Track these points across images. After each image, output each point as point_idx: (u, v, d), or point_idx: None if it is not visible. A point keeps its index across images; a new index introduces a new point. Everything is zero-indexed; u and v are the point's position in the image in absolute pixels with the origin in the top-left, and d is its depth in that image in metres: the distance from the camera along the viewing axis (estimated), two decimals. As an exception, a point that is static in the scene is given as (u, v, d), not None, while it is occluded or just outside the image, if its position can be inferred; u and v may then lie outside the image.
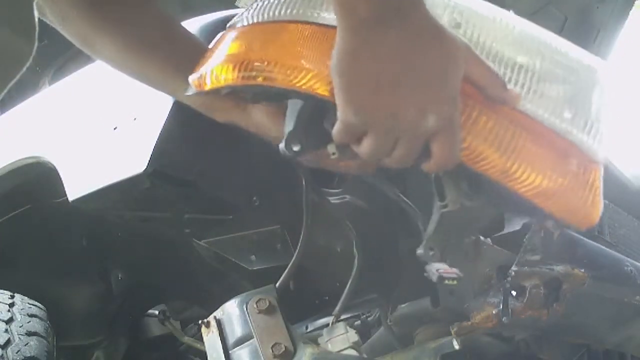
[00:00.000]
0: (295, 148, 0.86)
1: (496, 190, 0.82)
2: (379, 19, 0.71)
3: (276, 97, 0.88)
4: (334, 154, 0.85)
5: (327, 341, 1.09)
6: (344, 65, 0.74)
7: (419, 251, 0.92)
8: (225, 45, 0.88)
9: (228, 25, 0.93)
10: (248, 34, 0.87)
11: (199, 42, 1.05)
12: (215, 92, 0.88)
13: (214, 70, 0.87)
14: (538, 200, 0.81)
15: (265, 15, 0.87)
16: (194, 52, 1.00)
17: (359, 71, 0.73)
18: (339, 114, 0.76)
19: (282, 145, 0.87)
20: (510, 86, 0.80)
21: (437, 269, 0.95)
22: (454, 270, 0.95)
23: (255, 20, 0.88)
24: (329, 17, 0.83)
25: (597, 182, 0.84)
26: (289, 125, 0.87)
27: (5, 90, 0.83)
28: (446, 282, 0.96)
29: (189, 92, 0.92)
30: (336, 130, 0.78)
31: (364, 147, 0.78)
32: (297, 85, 0.81)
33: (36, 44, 0.82)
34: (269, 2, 0.88)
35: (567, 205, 0.82)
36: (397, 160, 0.78)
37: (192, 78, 0.91)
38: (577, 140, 0.83)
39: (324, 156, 0.86)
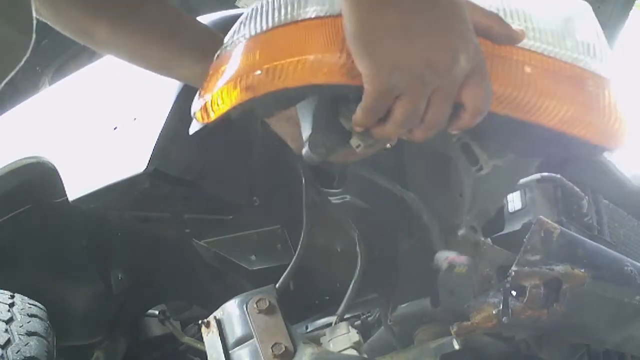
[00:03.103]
0: (322, 151, 0.84)
1: (524, 139, 0.83)
2: None
3: (287, 102, 0.84)
4: (358, 146, 0.82)
5: (329, 341, 1.09)
6: (363, 24, 0.72)
7: (461, 232, 0.92)
8: (220, 70, 0.85)
9: (216, 56, 0.89)
10: (240, 52, 0.84)
11: (201, 24, 1.04)
12: (224, 118, 0.84)
13: (214, 97, 0.83)
14: (566, 129, 0.81)
15: (253, 30, 0.84)
16: (196, 31, 0.99)
17: (380, 26, 0.72)
18: (366, 86, 0.74)
19: (306, 152, 0.85)
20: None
21: (446, 257, 0.95)
22: (463, 257, 0.95)
23: (243, 37, 0.84)
24: (321, 8, 0.81)
25: (616, 98, 0.84)
26: (306, 131, 0.85)
27: (3, 83, 0.82)
28: (456, 269, 0.97)
29: (195, 128, 0.88)
30: (362, 109, 0.76)
31: (396, 117, 0.75)
32: (308, 79, 0.79)
33: (34, 36, 0.81)
34: (253, 18, 0.85)
35: (595, 126, 0.82)
36: (432, 123, 0.76)
37: (194, 111, 0.87)
38: (585, 64, 0.84)
39: (347, 154, 0.85)
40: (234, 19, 1.25)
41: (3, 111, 1.89)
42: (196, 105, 0.87)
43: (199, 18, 1.25)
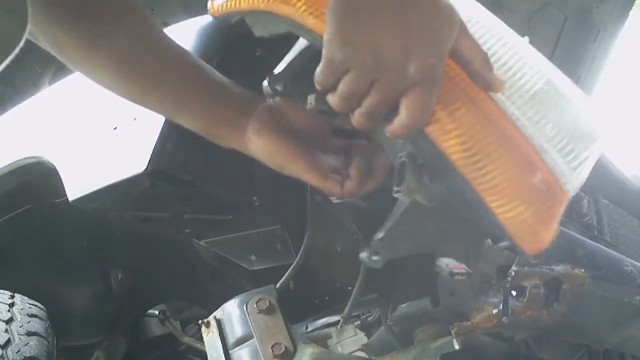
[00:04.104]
0: (278, 87, 0.88)
1: (454, 194, 0.80)
2: None
3: (276, 26, 0.89)
4: (311, 104, 0.86)
5: (337, 343, 1.10)
6: None
7: (362, 255, 0.90)
8: None
9: None
10: None
11: (195, 61, 1.03)
12: (228, 17, 0.95)
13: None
14: (494, 204, 0.77)
15: None
16: (190, 75, 0.99)
17: (356, 3, 0.74)
18: (324, 50, 0.76)
19: (265, 83, 0.89)
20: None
21: (447, 264, 0.96)
22: (462, 265, 0.95)
23: None
24: None
25: (557, 211, 0.79)
26: (280, 65, 0.89)
27: None
28: (456, 277, 0.96)
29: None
30: (319, 68, 0.78)
31: (340, 87, 0.77)
32: (301, 19, 0.83)
33: (28, 26, 0.81)
34: None
35: (522, 223, 0.77)
36: (367, 110, 0.77)
37: (210, 4, 0.98)
38: (551, 160, 0.80)
39: (300, 109, 0.88)
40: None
41: (3, 111, 1.89)
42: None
43: (198, 18, 1.25)
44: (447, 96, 0.77)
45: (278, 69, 0.89)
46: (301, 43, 0.88)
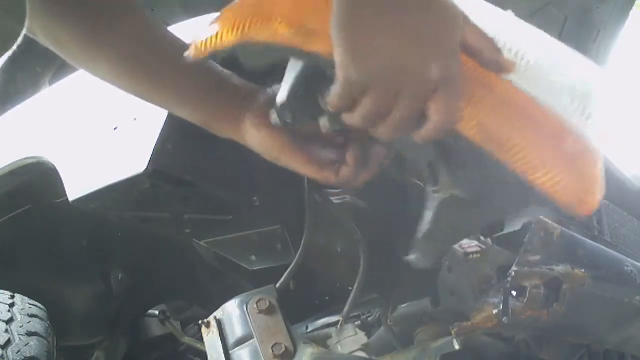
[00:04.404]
0: (288, 119, 0.85)
1: (486, 173, 0.81)
2: None
3: (271, 57, 0.85)
4: (325, 126, 0.83)
5: (336, 343, 1.10)
6: (346, 13, 0.72)
7: (410, 257, 0.90)
8: (220, 14, 0.87)
9: None
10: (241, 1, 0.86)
11: (184, 46, 1.04)
12: (212, 55, 0.86)
13: (211, 35, 0.85)
14: (532, 178, 0.78)
15: None
16: (191, 68, 0.99)
17: (362, 19, 0.72)
18: (337, 72, 0.74)
19: (274, 115, 0.86)
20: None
21: (460, 244, 0.95)
22: (475, 243, 0.95)
23: None
24: None
25: (593, 164, 0.82)
26: (282, 94, 0.85)
27: None
28: (470, 256, 0.96)
29: (189, 59, 0.89)
30: (333, 93, 0.76)
31: (361, 108, 0.75)
32: (298, 43, 0.79)
33: (26, 22, 0.81)
34: None
35: (564, 188, 0.79)
36: (393, 124, 0.76)
37: (190, 46, 0.89)
38: (575, 124, 0.82)
39: (314, 130, 0.86)
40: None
41: (3, 111, 1.89)
42: (193, 43, 0.88)
43: (198, 18, 1.26)
44: (465, 88, 0.77)
45: (281, 98, 0.85)
46: (296, 64, 0.84)
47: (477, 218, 0.91)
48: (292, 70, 0.85)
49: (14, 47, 0.80)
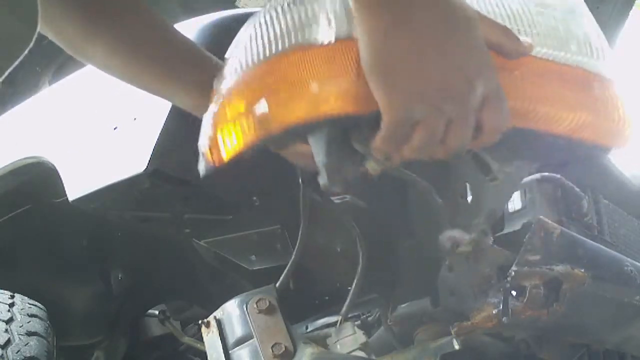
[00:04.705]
0: (340, 181, 0.82)
1: (532, 146, 0.83)
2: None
3: (303, 135, 0.80)
4: (374, 169, 0.81)
5: (335, 342, 1.09)
6: (378, 54, 0.72)
7: (473, 236, 0.93)
8: (226, 102, 0.80)
9: (217, 82, 0.83)
10: (245, 85, 0.79)
11: (194, 45, 1.04)
12: (237, 160, 0.80)
13: (222, 137, 0.79)
14: (574, 134, 0.81)
15: (258, 55, 0.78)
16: (188, 55, 0.99)
17: (396, 54, 0.71)
18: (385, 118, 0.73)
19: (323, 184, 0.82)
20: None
21: (450, 235, 0.96)
22: (468, 236, 0.96)
23: (248, 63, 0.79)
24: (324, 32, 0.77)
25: (619, 98, 0.85)
26: (319, 158, 0.81)
27: (6, 74, 0.82)
28: (459, 249, 0.97)
29: (204, 172, 0.84)
30: (380, 138, 0.74)
31: (416, 141, 0.75)
32: (324, 111, 0.75)
33: (38, 27, 0.81)
34: (256, 41, 0.79)
35: (602, 129, 0.83)
36: (455, 146, 0.76)
37: (203, 150, 0.83)
38: (590, 66, 0.84)
39: (364, 175, 0.84)
40: (233, 19, 1.25)
41: (3, 111, 1.89)
42: (204, 142, 0.82)
43: (199, 18, 1.26)
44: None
45: (320, 163, 0.80)
46: (319, 134, 0.79)
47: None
48: (319, 142, 0.80)
49: (26, 52, 0.81)
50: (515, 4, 0.84)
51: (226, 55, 0.85)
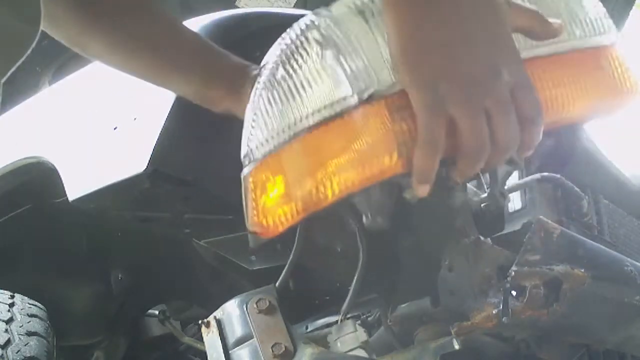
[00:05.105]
0: (383, 220, 0.85)
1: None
2: None
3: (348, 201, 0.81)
4: (414, 196, 0.79)
5: (336, 340, 1.09)
6: (408, 43, 0.71)
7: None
8: (267, 182, 0.79)
9: (245, 157, 0.83)
10: (283, 159, 0.78)
11: (195, 35, 1.04)
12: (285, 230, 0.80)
13: (276, 217, 0.79)
14: (596, 113, 0.84)
15: (292, 131, 0.77)
16: (191, 45, 0.99)
17: (425, 46, 0.71)
18: (417, 114, 0.72)
19: (368, 224, 0.86)
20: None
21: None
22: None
23: (287, 138, 0.78)
24: (352, 96, 0.76)
25: (623, 61, 0.86)
26: (365, 207, 0.83)
27: (9, 74, 0.82)
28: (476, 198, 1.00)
29: (257, 244, 0.85)
30: (421, 143, 0.72)
31: (465, 146, 0.72)
32: (366, 180, 0.75)
33: (40, 28, 0.81)
34: (279, 113, 0.78)
35: (615, 97, 0.85)
36: (504, 139, 0.73)
37: (252, 228, 0.83)
38: (595, 43, 0.85)
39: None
40: (233, 19, 1.25)
41: (3, 111, 1.89)
42: (253, 222, 0.82)
43: (198, 18, 1.26)
44: None
45: (363, 207, 0.82)
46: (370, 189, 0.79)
47: None
48: (367, 198, 0.82)
49: (29, 51, 0.81)
50: None
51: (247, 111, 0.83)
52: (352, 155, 0.74)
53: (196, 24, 1.24)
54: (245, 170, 0.83)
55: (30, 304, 1.61)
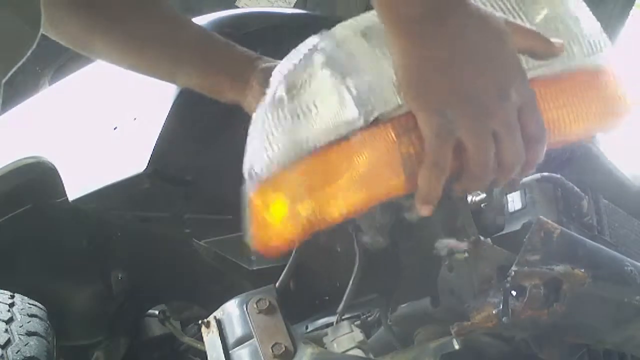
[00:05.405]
0: (383, 239, 0.87)
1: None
2: (427, 13, 0.70)
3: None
4: (413, 217, 0.83)
5: (332, 340, 1.09)
6: (413, 69, 0.71)
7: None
8: (270, 202, 0.80)
9: (250, 175, 0.84)
10: (287, 181, 0.78)
11: (197, 26, 1.04)
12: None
13: (279, 237, 0.80)
14: (586, 135, 0.86)
15: (293, 154, 0.78)
16: (195, 37, 0.99)
17: (430, 69, 0.71)
18: (424, 135, 0.72)
19: (370, 243, 0.88)
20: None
21: (447, 244, 0.96)
22: (463, 244, 0.96)
23: (293, 158, 0.78)
24: (358, 118, 0.76)
25: (618, 80, 0.86)
26: (371, 232, 0.87)
27: (9, 74, 0.82)
28: (456, 255, 0.97)
29: (259, 265, 0.88)
30: (427, 164, 0.72)
31: (472, 168, 0.73)
32: (371, 202, 0.76)
33: (41, 29, 0.81)
34: (286, 133, 0.78)
35: (610, 114, 0.85)
36: (509, 159, 0.74)
37: (255, 246, 0.84)
38: (594, 62, 0.85)
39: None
40: (233, 19, 1.25)
41: (3, 111, 1.89)
42: (257, 242, 0.84)
43: (198, 18, 1.25)
44: None
45: (365, 226, 0.83)
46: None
47: None
48: (369, 218, 0.85)
49: (29, 53, 0.81)
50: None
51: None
52: (358, 177, 0.75)
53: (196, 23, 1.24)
54: (249, 190, 0.84)
55: (30, 304, 1.61)
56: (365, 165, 0.75)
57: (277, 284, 1.15)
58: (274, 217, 0.80)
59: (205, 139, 1.14)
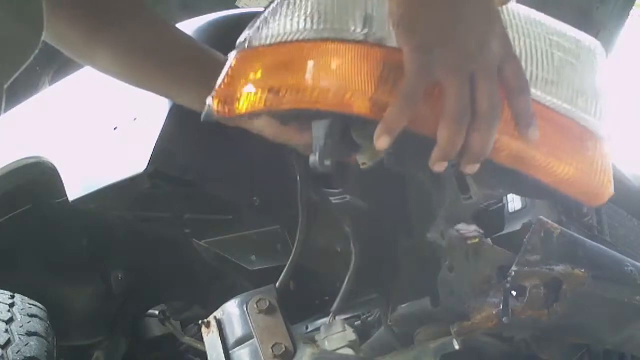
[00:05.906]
0: (327, 162, 0.85)
1: (517, 183, 0.85)
2: None
3: (307, 118, 0.85)
4: (364, 163, 0.84)
5: (323, 338, 1.09)
6: (405, 6, 0.76)
7: (430, 234, 0.97)
8: (249, 68, 0.84)
9: (243, 42, 0.87)
10: (273, 55, 0.83)
11: (196, 44, 1.05)
12: (240, 117, 0.85)
13: (240, 97, 0.83)
14: (558, 187, 0.84)
15: (289, 34, 0.82)
16: (190, 55, 0.99)
17: (419, 8, 0.76)
18: (405, 66, 0.75)
19: (313, 160, 0.85)
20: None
21: (457, 229, 0.97)
22: (474, 227, 0.97)
23: (278, 39, 0.83)
24: (361, 32, 0.81)
25: (608, 162, 0.87)
26: (318, 141, 0.85)
27: (12, 79, 0.83)
28: (469, 242, 0.98)
29: (208, 118, 0.88)
30: (404, 93, 0.75)
31: (447, 105, 0.75)
32: (334, 105, 0.78)
33: (43, 34, 0.82)
34: (290, 15, 0.83)
35: (584, 188, 0.85)
36: (484, 105, 0.76)
37: (211, 102, 0.86)
38: (590, 125, 0.86)
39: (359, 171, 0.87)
40: (233, 19, 1.25)
41: (3, 111, 1.88)
42: (219, 92, 0.86)
43: (198, 18, 1.26)
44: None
45: (318, 144, 0.84)
46: (328, 119, 0.82)
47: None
48: (321, 127, 0.84)
49: (32, 58, 0.81)
50: (538, 42, 0.86)
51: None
52: (334, 78, 0.79)
53: (195, 24, 1.24)
54: (236, 50, 0.88)
55: (30, 304, 1.61)
56: (345, 72, 0.79)
57: (277, 284, 1.15)
58: (246, 81, 0.83)
59: (205, 139, 1.14)
